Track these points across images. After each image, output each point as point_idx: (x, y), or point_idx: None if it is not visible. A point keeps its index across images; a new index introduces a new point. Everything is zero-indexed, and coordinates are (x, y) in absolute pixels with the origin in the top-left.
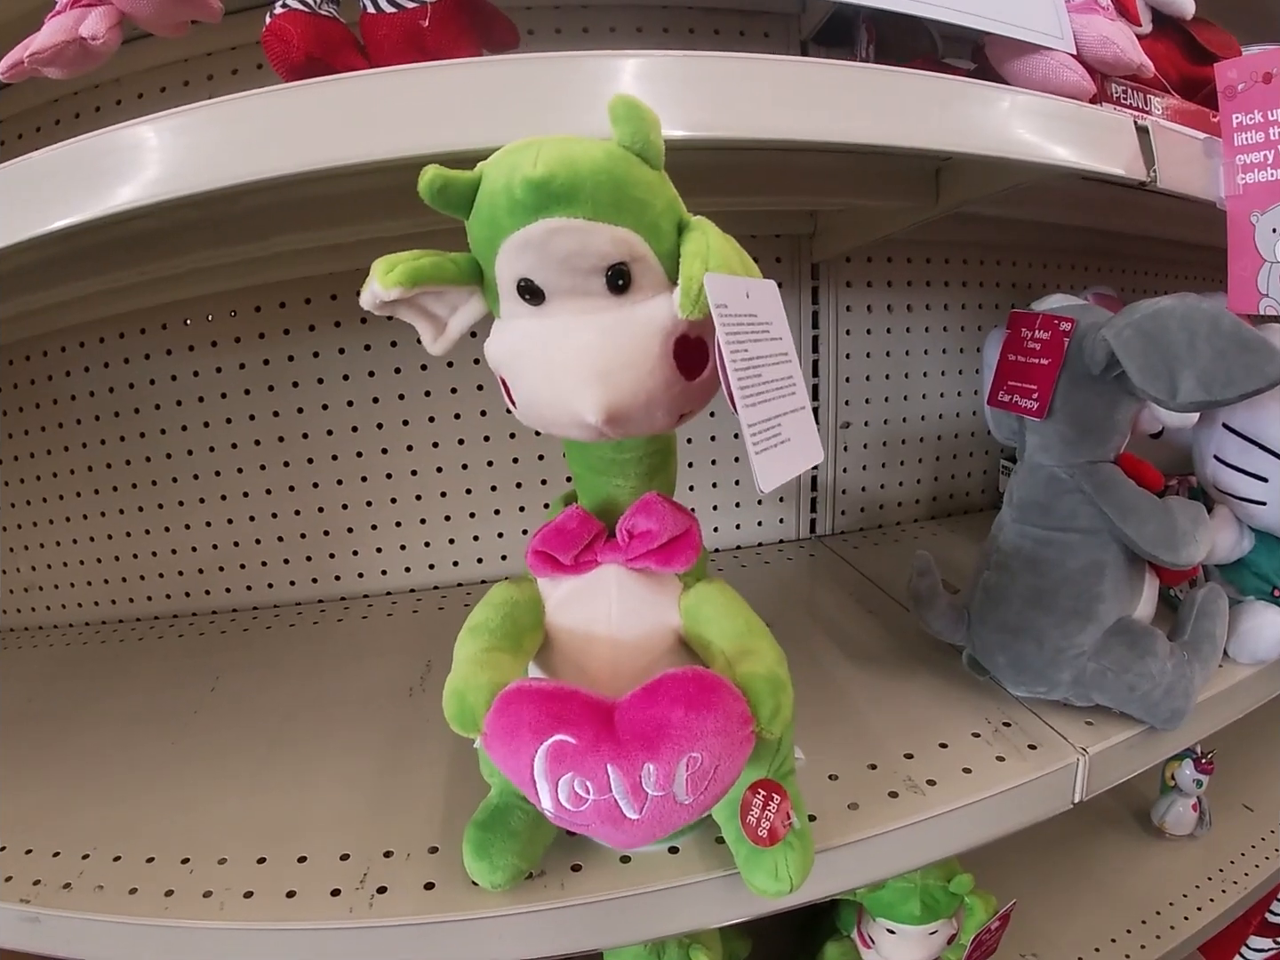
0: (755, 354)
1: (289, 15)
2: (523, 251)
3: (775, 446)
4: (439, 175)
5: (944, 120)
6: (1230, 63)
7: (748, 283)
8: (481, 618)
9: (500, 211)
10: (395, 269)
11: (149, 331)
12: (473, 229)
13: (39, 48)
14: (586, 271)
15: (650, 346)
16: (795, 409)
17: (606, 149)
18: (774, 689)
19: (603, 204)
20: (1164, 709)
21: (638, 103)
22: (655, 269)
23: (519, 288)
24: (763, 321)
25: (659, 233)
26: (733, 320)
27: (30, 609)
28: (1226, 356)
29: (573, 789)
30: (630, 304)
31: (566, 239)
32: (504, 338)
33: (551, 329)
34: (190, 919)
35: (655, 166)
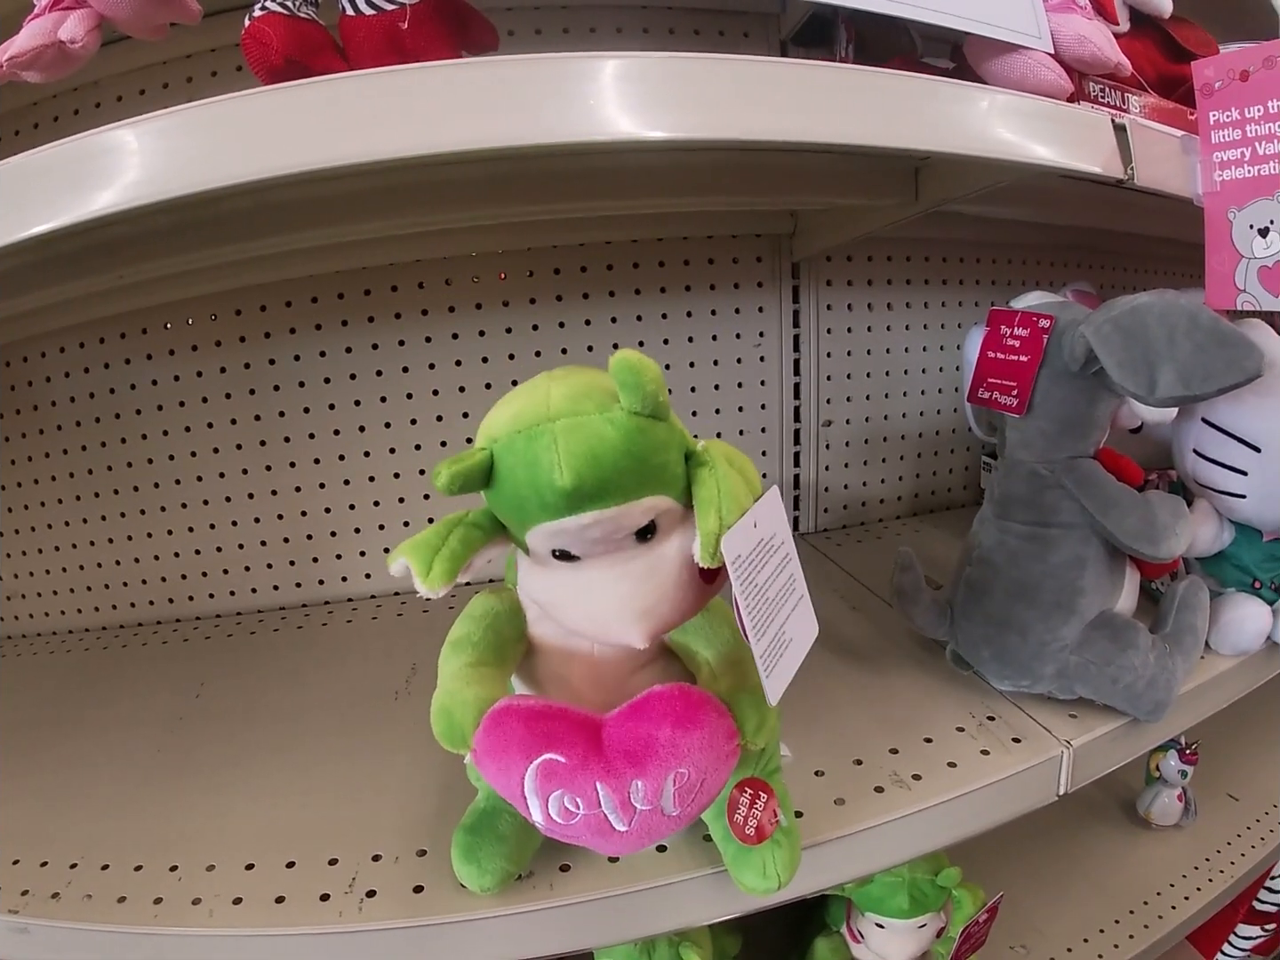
0: (763, 580)
1: (267, 18)
2: (557, 536)
3: (780, 659)
4: (454, 476)
5: (921, 120)
6: (1207, 61)
7: (754, 513)
8: (463, 631)
9: (531, 506)
10: (434, 569)
11: (129, 336)
12: (497, 507)
13: (17, 51)
14: (619, 539)
15: (680, 578)
16: (796, 603)
17: (621, 427)
18: (758, 704)
19: (630, 488)
20: (1147, 701)
21: (637, 362)
22: (675, 510)
23: (554, 554)
24: (768, 541)
25: (676, 480)
26: (745, 566)
27: (14, 617)
28: (1205, 351)
29: (563, 805)
30: (657, 545)
31: (601, 527)
32: (542, 584)
33: (590, 583)
34: (180, 926)
35: (664, 419)
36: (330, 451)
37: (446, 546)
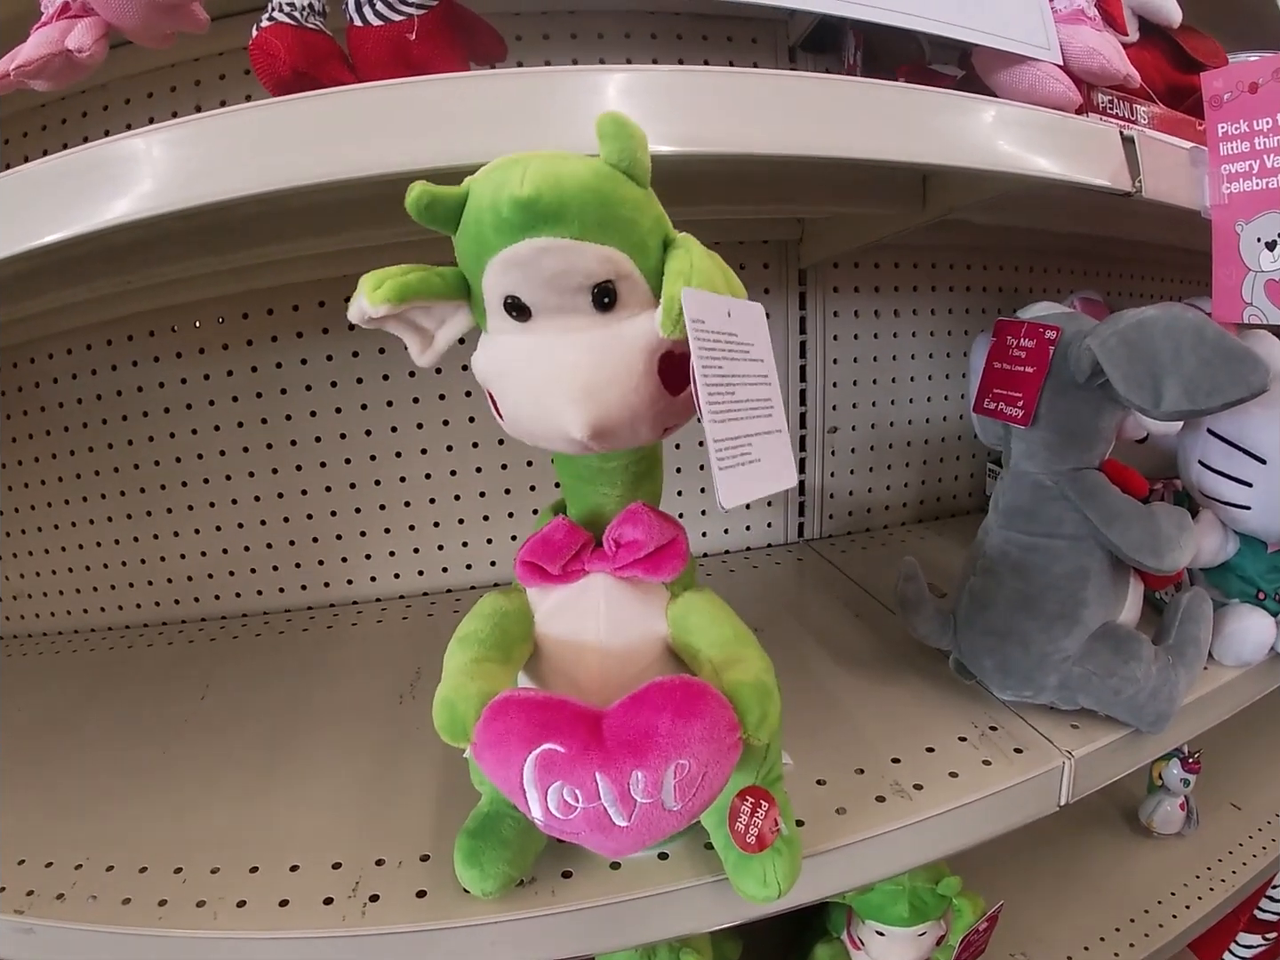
0: (731, 371)
1: (275, 29)
2: (509, 270)
3: (742, 465)
4: (426, 191)
5: (928, 134)
6: (1216, 72)
7: (729, 301)
8: (471, 628)
9: (487, 229)
10: (383, 285)
11: (137, 338)
12: (460, 245)
13: (25, 60)
14: (573, 290)
15: (635, 363)
16: (770, 431)
17: (593, 167)
18: (760, 696)
19: (589, 223)
20: (1149, 712)
21: (625, 120)
22: (641, 286)
23: (505, 305)
24: (743, 341)
25: (645, 250)
26: (708, 335)
27: (19, 616)
28: (1210, 366)
29: (561, 797)
30: (616, 321)
31: (553, 258)
32: (491, 353)
33: (538, 346)
34: (184, 928)
35: (642, 184)
36: (336, 455)
37: (404, 275)
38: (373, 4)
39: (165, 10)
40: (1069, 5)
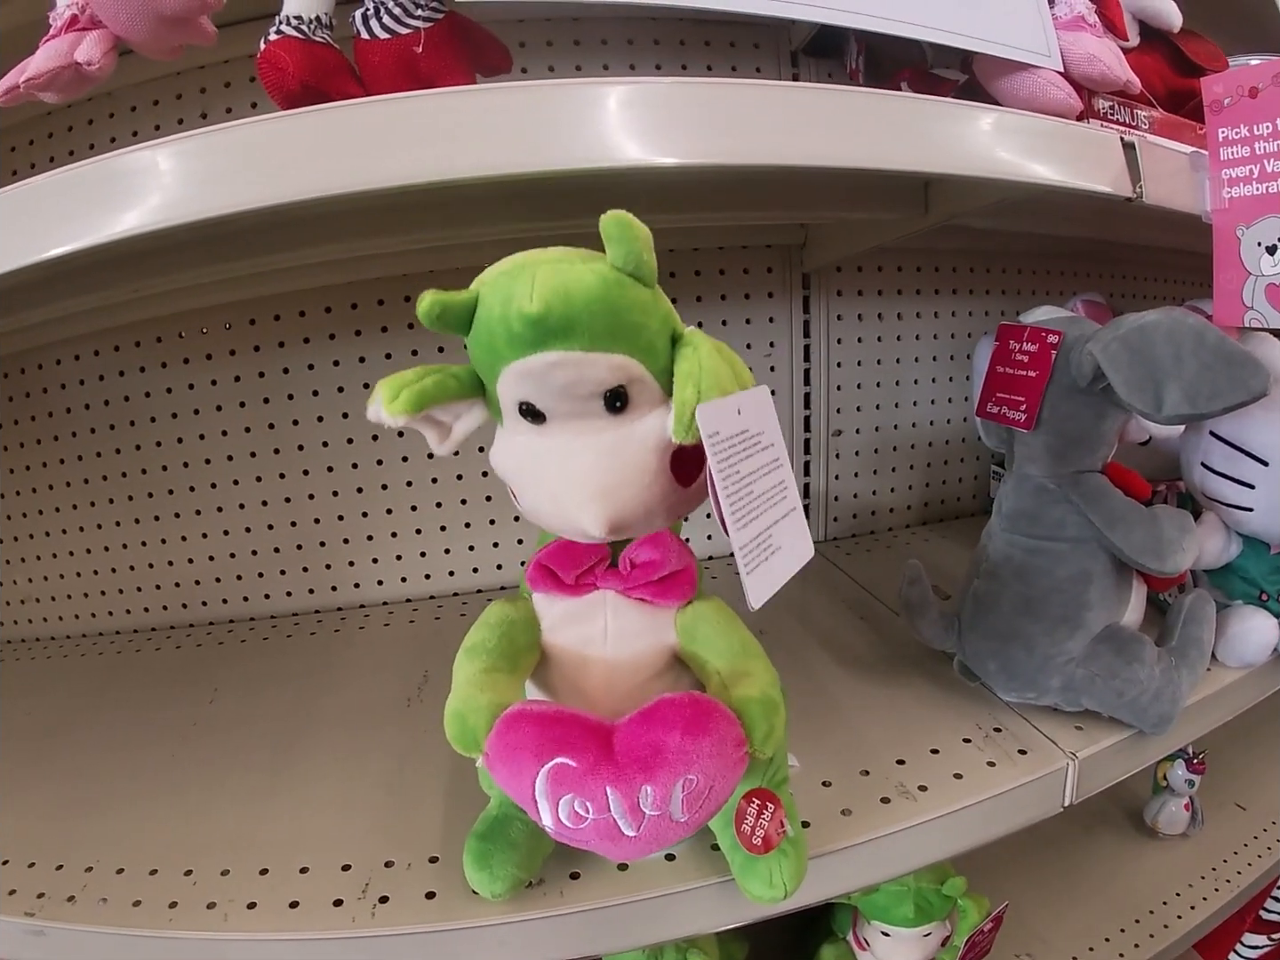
0: (747, 470)
1: (283, 42)
2: (523, 380)
3: (765, 561)
4: (436, 301)
5: (930, 142)
6: (1216, 77)
7: (739, 399)
8: (479, 638)
9: (499, 342)
10: (400, 395)
11: (144, 344)
12: (473, 349)
13: (34, 73)
14: (585, 397)
15: (648, 463)
16: (786, 513)
17: (600, 275)
18: (767, 712)
19: (599, 334)
20: (1152, 714)
21: (629, 221)
22: (652, 386)
23: (520, 409)
24: (754, 434)
25: (654, 352)
26: (724, 445)
27: (27, 620)
28: (1211, 370)
29: (573, 809)
30: (628, 422)
31: (565, 371)
32: (508, 451)
33: (553, 449)
34: (194, 930)
35: (649, 285)
36: (344, 459)
37: (420, 383)
38: (380, 17)
39: (173, 24)
40: (1069, 12)
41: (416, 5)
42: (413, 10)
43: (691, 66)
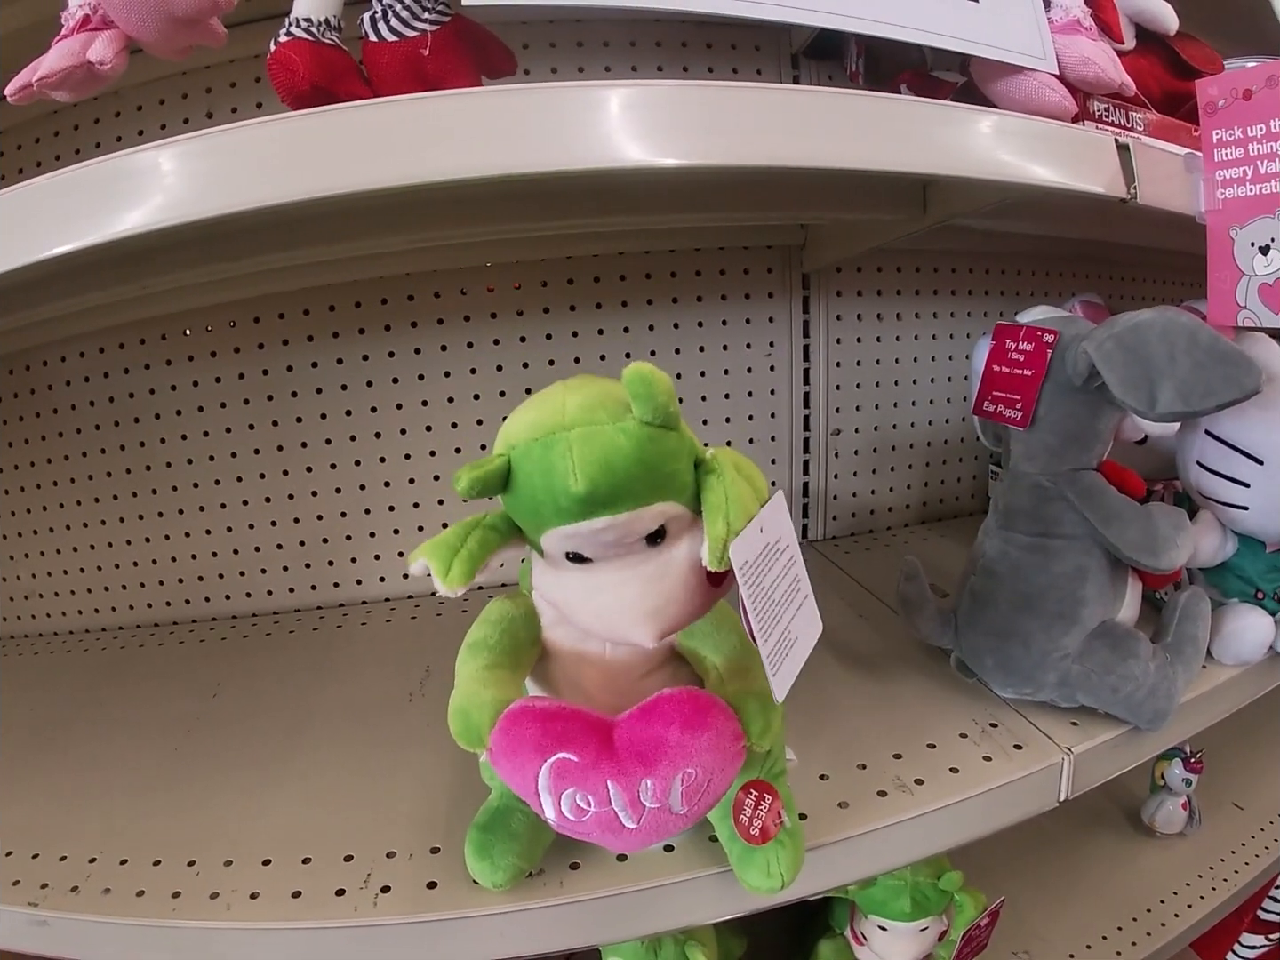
0: (770, 583)
1: (293, 44)
2: (571, 539)
3: (787, 656)
4: (474, 480)
5: (928, 144)
6: (1211, 79)
7: (760, 519)
8: (480, 635)
9: (546, 511)
10: (453, 569)
11: (149, 342)
12: (513, 511)
13: (47, 71)
14: (630, 543)
15: (688, 580)
16: (801, 604)
17: (634, 437)
18: (764, 707)
19: (641, 494)
20: (1147, 710)
21: (650, 375)
22: (685, 516)
23: (568, 556)
24: (773, 544)
25: (686, 486)
26: (752, 570)
27: (31, 616)
28: (1204, 368)
29: (575, 802)
30: (666, 550)
31: (613, 532)
32: (555, 585)
33: (601, 585)
34: (197, 920)
35: (675, 429)
36: (347, 456)
37: (465, 548)
38: (387, 20)
39: (185, 25)
40: (1065, 15)
41: (424, 8)
42: (420, 13)
43: (693, 68)
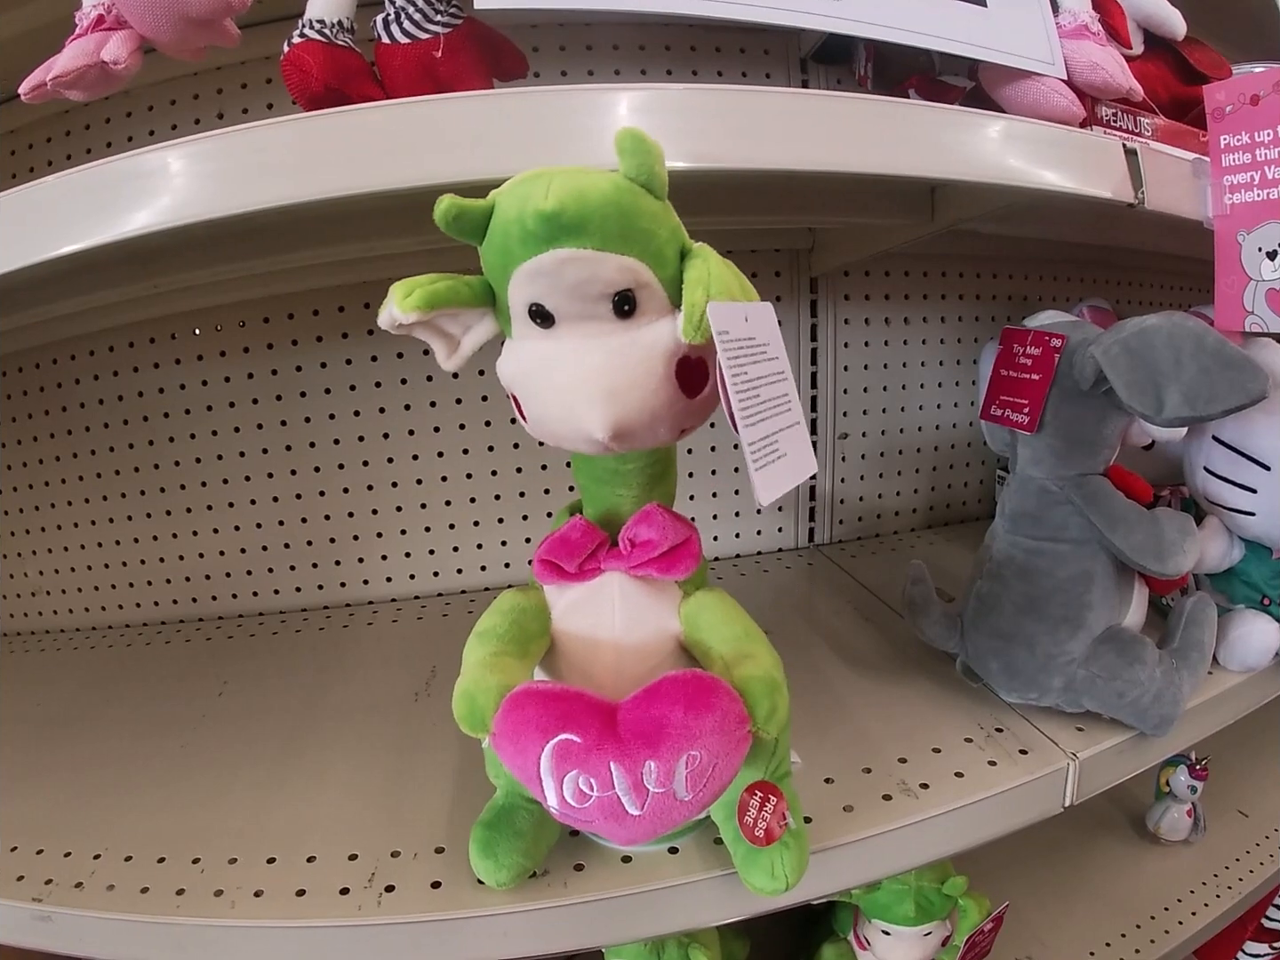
0: (754, 375)
1: (306, 46)
2: (534, 279)
3: (773, 462)
4: (453, 204)
5: (936, 149)
6: (1218, 85)
7: (746, 307)
8: (490, 624)
9: (513, 241)
10: (413, 293)
11: (158, 341)
12: (485, 255)
13: (61, 71)
14: (595, 298)
15: (654, 367)
16: (790, 425)
17: (614, 181)
18: (770, 690)
19: (610, 235)
20: (1153, 715)
21: (643, 136)
22: (659, 294)
23: (530, 312)
24: (760, 343)
25: (663, 260)
26: (733, 345)
27: (39, 613)
28: (1210, 374)
29: (577, 786)
30: (635, 327)
31: (576, 268)
32: (516, 358)
33: (561, 350)
34: (201, 917)
35: (660, 197)
36: (354, 457)
37: (433, 284)
38: (400, 22)
39: (199, 25)
40: (1073, 21)
41: (436, 11)
42: (432, 16)
43: (702, 72)
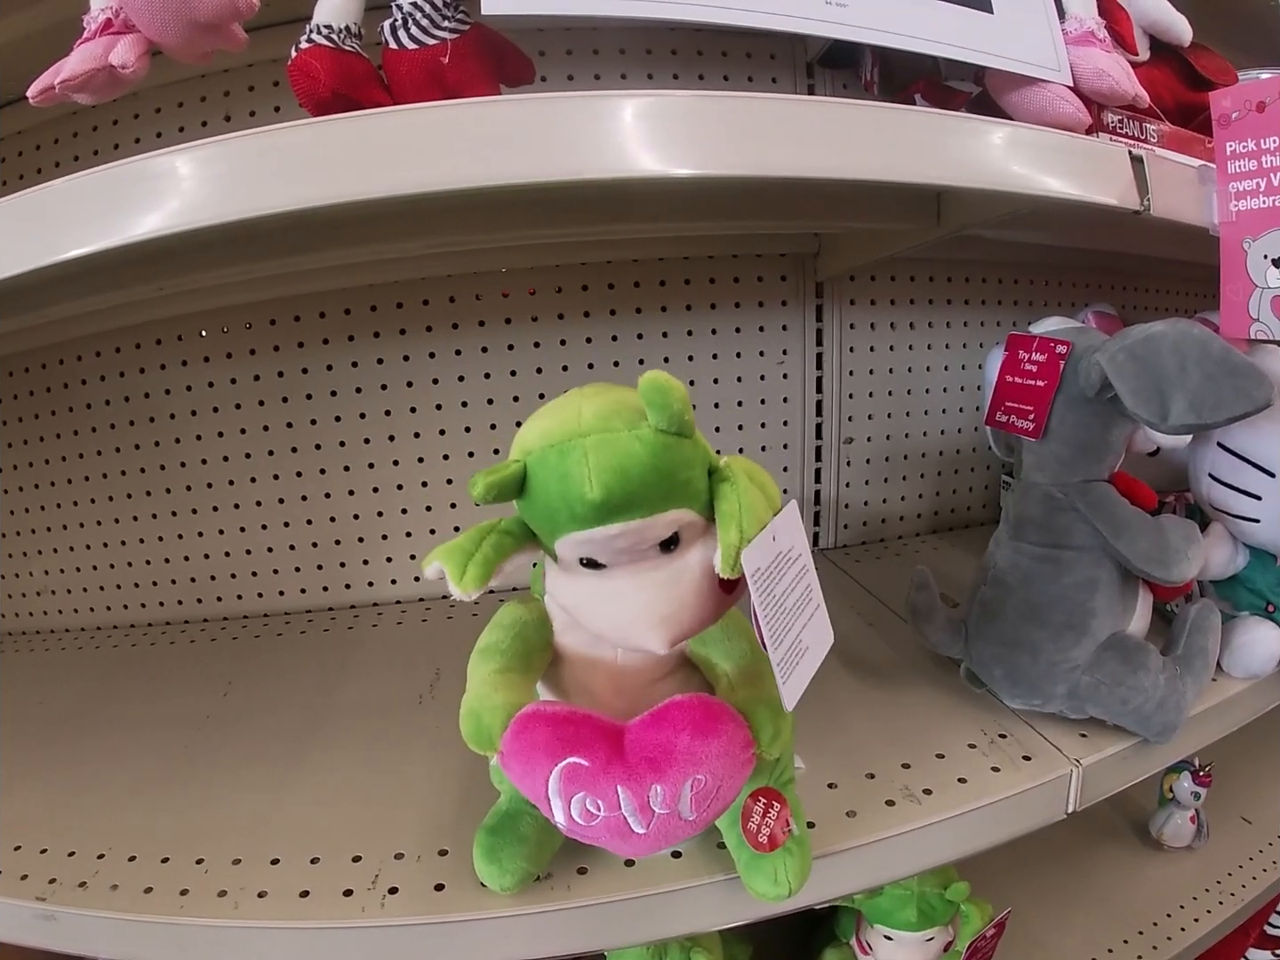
0: (781, 591)
1: (314, 51)
2: (585, 545)
3: (797, 665)
4: (489, 486)
5: (942, 156)
6: (1224, 91)
7: (773, 526)
8: (493, 639)
9: (561, 518)
10: (468, 573)
11: (164, 342)
12: (529, 517)
13: (69, 74)
14: (644, 549)
15: (701, 587)
16: (812, 614)
17: (649, 444)
18: (774, 714)
19: (655, 501)
20: (1156, 722)
21: (666, 384)
22: (699, 523)
23: (581, 561)
24: (786, 553)
25: (699, 493)
26: (764, 578)
27: (44, 612)
28: (1215, 381)
29: (584, 807)
30: (679, 556)
31: (627, 539)
32: (568, 589)
33: (614, 591)
34: (205, 917)
35: (689, 436)
36: (360, 459)
37: (480, 552)
38: (408, 28)
39: (206, 29)
40: (1079, 27)
41: (444, 16)
42: (440, 21)
43: (708, 76)
